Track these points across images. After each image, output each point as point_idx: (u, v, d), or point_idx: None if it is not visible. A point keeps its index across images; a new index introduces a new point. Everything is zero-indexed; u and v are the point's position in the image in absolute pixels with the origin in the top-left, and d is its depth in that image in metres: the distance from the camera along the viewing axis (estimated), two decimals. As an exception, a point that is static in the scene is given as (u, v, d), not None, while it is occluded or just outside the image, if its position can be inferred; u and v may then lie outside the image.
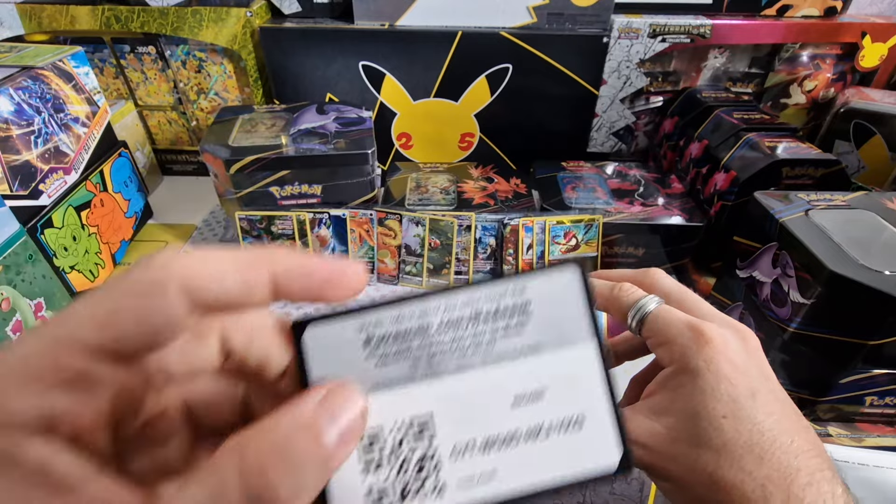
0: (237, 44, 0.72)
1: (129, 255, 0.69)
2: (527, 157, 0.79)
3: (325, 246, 0.63)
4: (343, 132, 0.63)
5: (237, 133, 0.63)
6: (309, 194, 0.61)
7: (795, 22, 0.72)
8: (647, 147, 0.84)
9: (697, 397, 0.23)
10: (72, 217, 0.59)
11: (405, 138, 0.81)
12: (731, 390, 0.23)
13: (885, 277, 0.40)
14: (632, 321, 0.27)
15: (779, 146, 0.59)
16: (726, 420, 0.22)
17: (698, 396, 0.23)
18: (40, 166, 0.55)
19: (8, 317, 0.48)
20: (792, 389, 0.48)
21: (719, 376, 0.23)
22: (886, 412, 0.47)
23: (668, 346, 0.25)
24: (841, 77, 0.77)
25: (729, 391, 0.23)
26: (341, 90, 0.75)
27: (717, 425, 0.22)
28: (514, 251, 0.63)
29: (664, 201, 0.66)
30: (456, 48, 0.71)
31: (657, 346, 0.26)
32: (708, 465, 0.22)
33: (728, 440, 0.22)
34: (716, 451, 0.22)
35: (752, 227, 0.51)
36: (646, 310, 0.26)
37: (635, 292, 0.28)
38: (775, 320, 0.47)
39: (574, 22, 0.71)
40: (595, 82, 0.74)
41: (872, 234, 0.46)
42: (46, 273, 0.53)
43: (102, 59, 0.77)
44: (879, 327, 0.41)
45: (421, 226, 0.62)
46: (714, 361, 0.23)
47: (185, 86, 0.79)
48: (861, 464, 0.44)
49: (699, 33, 0.70)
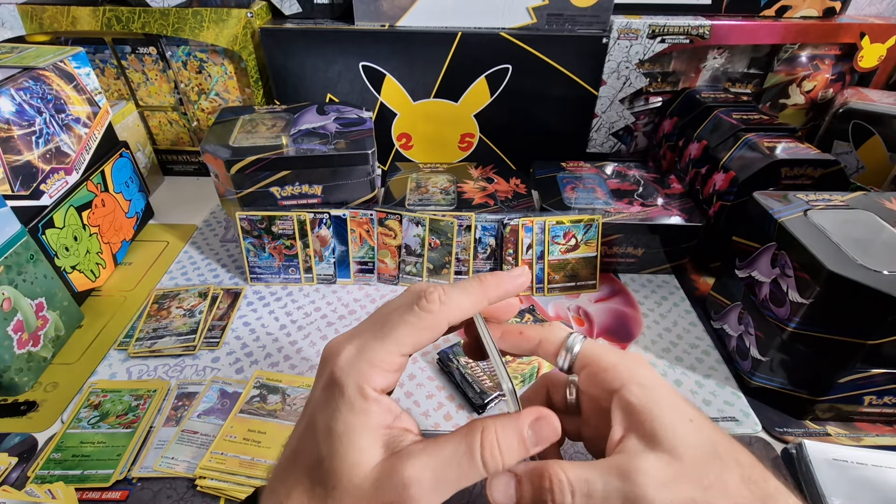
0: (238, 44, 0.72)
1: (129, 255, 0.69)
2: (526, 157, 0.79)
3: (326, 246, 0.63)
4: (343, 132, 0.63)
5: (238, 133, 0.63)
6: (309, 194, 0.62)
7: (794, 22, 0.72)
8: (647, 147, 0.84)
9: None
10: (73, 217, 0.59)
11: (405, 139, 0.81)
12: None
13: (884, 277, 0.40)
14: (565, 356, 0.28)
15: (778, 146, 0.59)
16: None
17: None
18: (41, 166, 0.55)
19: (9, 316, 0.48)
20: (791, 389, 0.49)
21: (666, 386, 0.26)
22: (885, 411, 0.47)
23: (611, 369, 0.26)
24: (840, 77, 0.77)
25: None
26: (341, 91, 0.76)
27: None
28: (514, 251, 0.63)
29: (663, 201, 0.66)
30: (456, 49, 0.71)
31: (599, 373, 0.27)
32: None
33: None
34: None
35: (750, 227, 0.51)
36: (577, 346, 0.28)
37: (562, 330, 0.29)
38: (774, 320, 0.47)
39: (573, 23, 0.71)
40: (594, 83, 0.75)
41: (871, 234, 0.46)
42: (48, 273, 0.53)
43: (103, 60, 0.77)
44: (878, 327, 0.41)
45: (421, 226, 0.62)
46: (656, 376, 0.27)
47: (185, 86, 0.79)
48: (860, 463, 0.44)
49: (698, 34, 0.71)
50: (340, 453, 0.23)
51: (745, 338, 0.52)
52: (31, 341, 0.51)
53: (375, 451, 0.23)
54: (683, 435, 0.23)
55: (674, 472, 0.22)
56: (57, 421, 0.48)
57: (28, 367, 0.51)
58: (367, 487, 0.22)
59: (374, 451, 0.23)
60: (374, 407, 0.24)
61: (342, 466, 0.23)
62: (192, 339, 0.56)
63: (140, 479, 0.44)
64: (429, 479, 0.22)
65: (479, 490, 0.43)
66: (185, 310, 0.59)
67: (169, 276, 0.66)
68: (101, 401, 0.50)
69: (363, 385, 0.24)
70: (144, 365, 0.54)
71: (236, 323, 0.59)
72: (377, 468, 0.23)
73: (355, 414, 0.23)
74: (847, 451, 0.45)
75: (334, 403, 0.24)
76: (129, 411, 0.49)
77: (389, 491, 0.22)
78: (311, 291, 0.64)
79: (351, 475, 0.23)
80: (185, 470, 0.44)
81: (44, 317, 0.53)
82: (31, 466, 0.44)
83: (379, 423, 0.24)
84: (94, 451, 0.45)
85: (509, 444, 0.23)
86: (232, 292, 0.63)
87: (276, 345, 0.57)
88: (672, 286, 0.65)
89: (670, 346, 0.57)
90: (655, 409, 0.24)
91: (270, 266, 0.64)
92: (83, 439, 0.46)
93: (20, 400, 0.50)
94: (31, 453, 0.45)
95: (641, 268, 0.67)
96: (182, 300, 0.61)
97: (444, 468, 0.22)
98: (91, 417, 0.48)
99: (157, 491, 0.43)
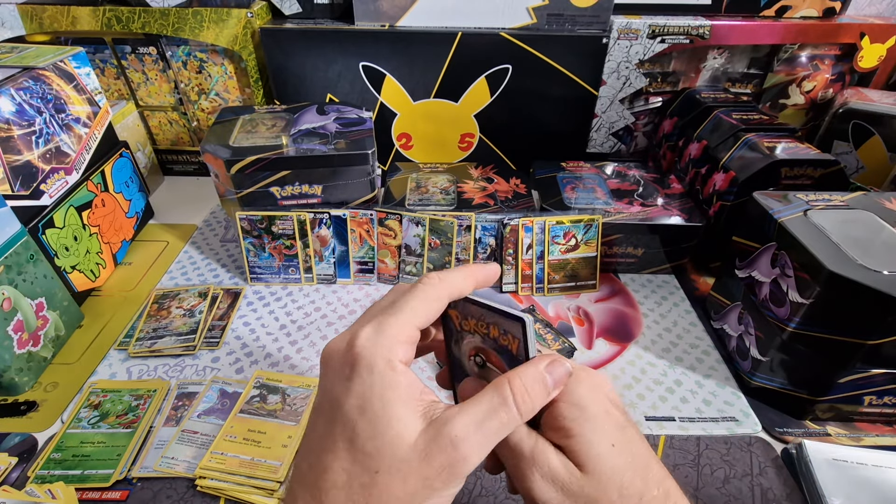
0: (238, 44, 0.72)
1: (129, 255, 0.69)
2: (526, 157, 0.79)
3: (326, 246, 0.63)
4: (343, 132, 0.63)
5: (238, 133, 0.63)
6: (309, 194, 0.62)
7: (794, 23, 0.72)
8: (647, 147, 0.84)
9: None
10: (73, 217, 0.59)
11: (405, 138, 0.81)
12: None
13: (884, 277, 0.40)
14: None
15: (777, 146, 0.59)
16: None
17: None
18: (41, 166, 0.55)
19: (9, 316, 0.48)
20: (791, 389, 0.49)
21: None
22: (885, 412, 0.47)
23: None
24: (839, 77, 0.77)
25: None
26: (342, 91, 0.76)
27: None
28: (514, 251, 0.63)
29: (663, 201, 0.66)
30: (456, 49, 0.71)
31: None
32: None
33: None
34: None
35: (750, 227, 0.51)
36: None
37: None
38: (774, 320, 0.47)
39: (574, 23, 0.71)
40: (594, 83, 0.75)
41: (871, 234, 0.46)
42: (48, 273, 0.53)
43: (104, 60, 0.77)
44: (878, 327, 0.41)
45: (421, 226, 0.62)
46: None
47: (185, 86, 0.79)
48: (860, 463, 0.44)
49: (698, 34, 0.71)
50: (380, 430, 0.23)
51: (745, 338, 0.52)
52: (31, 341, 0.51)
53: (416, 422, 0.23)
54: (598, 455, 0.25)
55: (577, 485, 0.25)
56: (57, 421, 0.48)
57: (28, 366, 0.51)
58: (414, 460, 0.22)
59: (415, 422, 0.23)
60: (404, 379, 0.24)
61: (384, 444, 0.23)
62: (192, 339, 0.56)
63: (140, 479, 0.44)
64: (474, 434, 0.23)
65: (478, 491, 0.43)
66: (185, 310, 0.59)
67: (169, 276, 0.66)
68: (101, 401, 0.50)
69: (391, 358, 0.24)
70: (144, 365, 0.54)
71: (236, 323, 0.59)
72: (421, 438, 0.23)
73: (389, 388, 0.23)
74: (847, 451, 0.45)
75: (365, 382, 0.23)
76: (129, 411, 0.49)
77: (439, 455, 0.22)
78: (311, 291, 0.64)
79: (395, 450, 0.23)
80: (185, 470, 0.44)
81: (44, 317, 0.53)
82: (31, 466, 0.44)
83: (411, 395, 0.24)
84: (94, 451, 0.45)
85: (535, 388, 0.25)
86: (232, 292, 0.63)
87: (276, 345, 0.57)
88: (672, 286, 0.65)
89: (670, 346, 0.57)
90: (578, 431, 0.25)
91: (270, 266, 0.64)
92: (83, 439, 0.46)
93: (20, 400, 0.50)
94: (31, 453, 0.46)
95: (641, 268, 0.67)
96: (182, 300, 0.61)
97: (485, 422, 0.23)
98: (91, 417, 0.48)
99: (157, 491, 0.43)
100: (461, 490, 0.43)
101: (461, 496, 0.43)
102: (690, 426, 0.48)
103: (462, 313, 0.27)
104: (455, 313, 0.28)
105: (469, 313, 0.27)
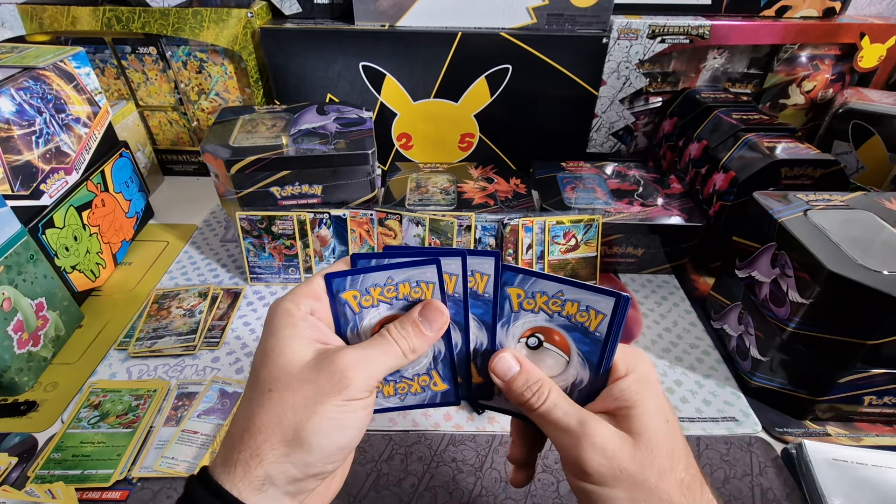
0: (238, 44, 0.72)
1: (129, 255, 0.69)
2: (527, 157, 0.79)
3: (326, 246, 0.63)
4: (343, 132, 0.63)
5: (238, 133, 0.63)
6: (309, 194, 0.62)
7: (794, 23, 0.72)
8: (647, 147, 0.84)
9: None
10: (73, 217, 0.59)
11: (405, 139, 0.81)
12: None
13: (884, 277, 0.40)
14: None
15: (777, 146, 0.59)
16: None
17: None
18: (41, 166, 0.55)
19: (9, 316, 0.48)
20: (791, 389, 0.49)
21: None
22: (885, 412, 0.47)
23: (618, 361, 0.30)
24: (839, 77, 0.77)
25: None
26: (342, 91, 0.76)
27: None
28: (514, 251, 0.63)
29: (663, 201, 0.66)
30: (456, 49, 0.71)
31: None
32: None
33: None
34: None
35: (750, 227, 0.51)
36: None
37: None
38: (774, 320, 0.47)
39: (574, 23, 0.71)
40: (594, 83, 0.75)
41: (871, 234, 0.46)
42: (48, 273, 0.53)
43: (104, 60, 0.77)
44: (878, 327, 0.41)
45: (421, 226, 0.62)
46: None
47: (185, 86, 0.79)
48: (860, 463, 0.44)
49: (698, 34, 0.71)
50: (273, 358, 0.25)
51: (745, 338, 0.52)
52: (31, 341, 0.51)
53: (307, 351, 0.26)
54: (654, 427, 0.26)
55: (628, 452, 0.25)
56: (57, 421, 0.48)
57: (28, 366, 0.51)
58: (305, 374, 0.25)
59: (307, 351, 0.26)
60: (303, 322, 0.26)
61: (275, 367, 0.25)
62: (192, 338, 0.56)
63: (140, 479, 0.44)
64: (360, 360, 0.26)
65: (478, 491, 0.43)
66: (185, 310, 0.59)
67: (169, 276, 0.66)
68: (101, 401, 0.50)
69: (291, 308, 0.27)
70: (144, 365, 0.54)
71: (236, 323, 0.59)
72: (312, 360, 0.25)
73: (286, 327, 0.26)
74: (847, 451, 0.45)
75: (268, 331, 0.26)
76: (129, 411, 0.49)
77: (329, 371, 0.25)
78: (311, 291, 0.64)
79: (287, 370, 0.25)
80: (185, 470, 0.44)
81: (44, 317, 0.53)
82: (31, 466, 0.44)
83: (309, 335, 0.26)
84: (94, 451, 0.45)
85: (407, 328, 0.28)
86: (232, 292, 0.63)
87: (276, 345, 0.57)
88: (672, 286, 0.65)
89: (670, 346, 0.57)
90: (640, 402, 0.27)
91: (270, 266, 0.64)
92: (83, 439, 0.46)
93: (20, 400, 0.50)
94: (31, 453, 0.45)
95: (641, 268, 0.67)
96: (182, 300, 0.61)
97: (368, 354, 0.27)
98: (91, 417, 0.48)
99: (157, 491, 0.43)
100: (461, 490, 0.43)
101: (461, 496, 0.43)
102: (690, 426, 0.48)
103: (362, 285, 0.28)
104: (350, 295, 0.28)
105: (373, 282, 0.28)
